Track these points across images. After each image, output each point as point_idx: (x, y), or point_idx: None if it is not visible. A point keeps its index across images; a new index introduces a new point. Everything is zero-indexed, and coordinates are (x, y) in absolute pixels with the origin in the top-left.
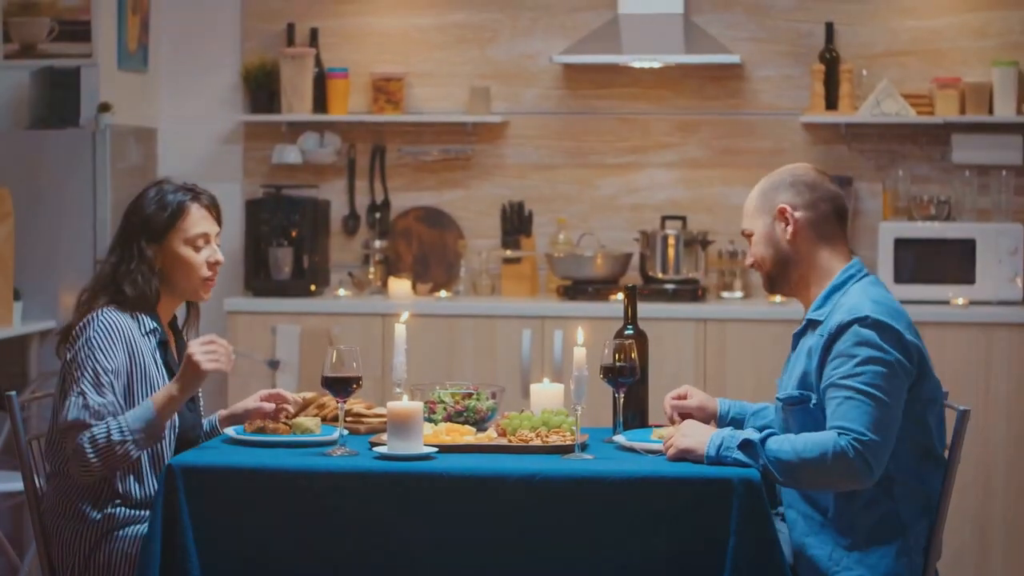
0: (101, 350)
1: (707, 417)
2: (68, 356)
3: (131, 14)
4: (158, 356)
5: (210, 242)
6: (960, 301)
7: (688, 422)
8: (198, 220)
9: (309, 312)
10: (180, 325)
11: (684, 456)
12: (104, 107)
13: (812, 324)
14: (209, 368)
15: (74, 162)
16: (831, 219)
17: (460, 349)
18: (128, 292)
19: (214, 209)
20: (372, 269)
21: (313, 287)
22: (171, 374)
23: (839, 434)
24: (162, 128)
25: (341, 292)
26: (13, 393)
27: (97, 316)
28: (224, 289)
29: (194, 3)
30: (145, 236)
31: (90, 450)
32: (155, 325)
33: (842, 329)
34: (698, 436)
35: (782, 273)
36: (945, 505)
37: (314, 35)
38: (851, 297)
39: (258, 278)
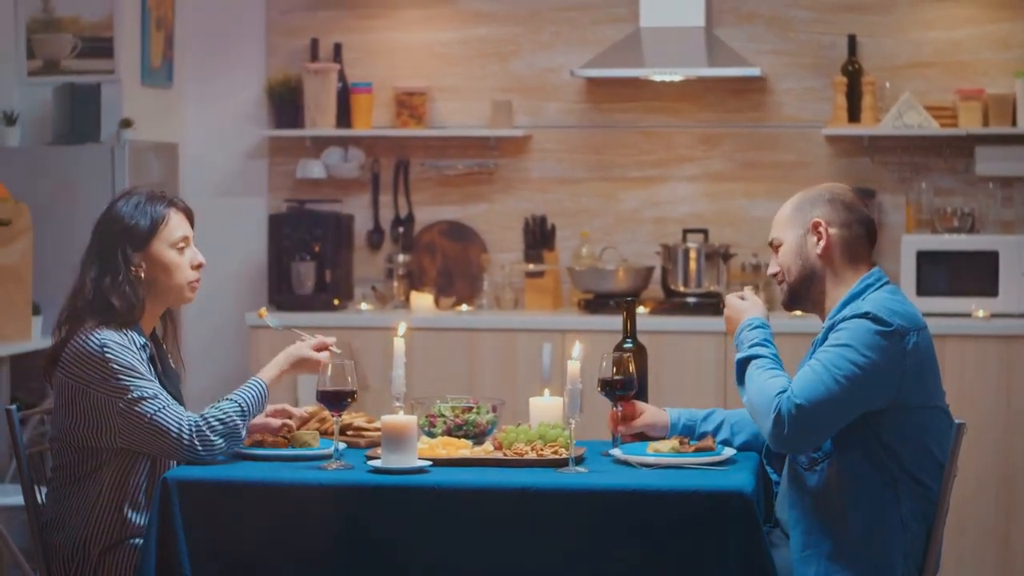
0: (127, 360)
1: (661, 430)
2: (100, 381)
3: (155, 30)
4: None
5: (190, 244)
6: (982, 313)
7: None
8: (178, 224)
9: (331, 326)
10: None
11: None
12: (126, 123)
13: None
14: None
15: (94, 178)
16: (863, 242)
17: (482, 363)
18: (116, 305)
19: (188, 213)
20: (396, 283)
21: (336, 301)
22: (162, 387)
23: (781, 392)
24: (186, 143)
25: (364, 306)
26: (14, 407)
27: (101, 337)
28: (246, 303)
29: (218, 19)
30: (129, 245)
31: (210, 433)
32: (144, 340)
33: (844, 319)
34: (747, 312)
35: (805, 287)
36: (942, 517)
37: (338, 50)
38: (867, 303)
39: (281, 292)
